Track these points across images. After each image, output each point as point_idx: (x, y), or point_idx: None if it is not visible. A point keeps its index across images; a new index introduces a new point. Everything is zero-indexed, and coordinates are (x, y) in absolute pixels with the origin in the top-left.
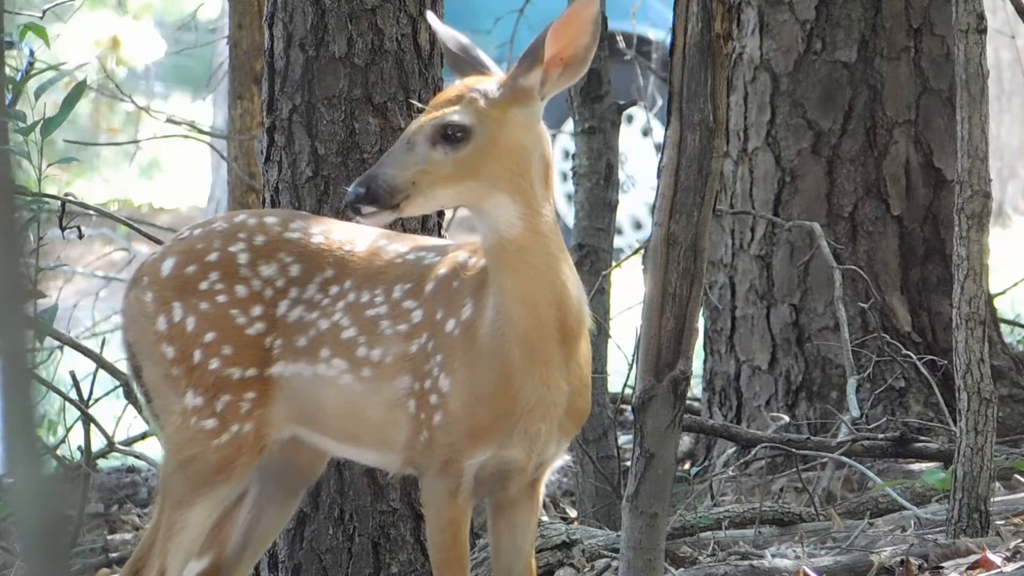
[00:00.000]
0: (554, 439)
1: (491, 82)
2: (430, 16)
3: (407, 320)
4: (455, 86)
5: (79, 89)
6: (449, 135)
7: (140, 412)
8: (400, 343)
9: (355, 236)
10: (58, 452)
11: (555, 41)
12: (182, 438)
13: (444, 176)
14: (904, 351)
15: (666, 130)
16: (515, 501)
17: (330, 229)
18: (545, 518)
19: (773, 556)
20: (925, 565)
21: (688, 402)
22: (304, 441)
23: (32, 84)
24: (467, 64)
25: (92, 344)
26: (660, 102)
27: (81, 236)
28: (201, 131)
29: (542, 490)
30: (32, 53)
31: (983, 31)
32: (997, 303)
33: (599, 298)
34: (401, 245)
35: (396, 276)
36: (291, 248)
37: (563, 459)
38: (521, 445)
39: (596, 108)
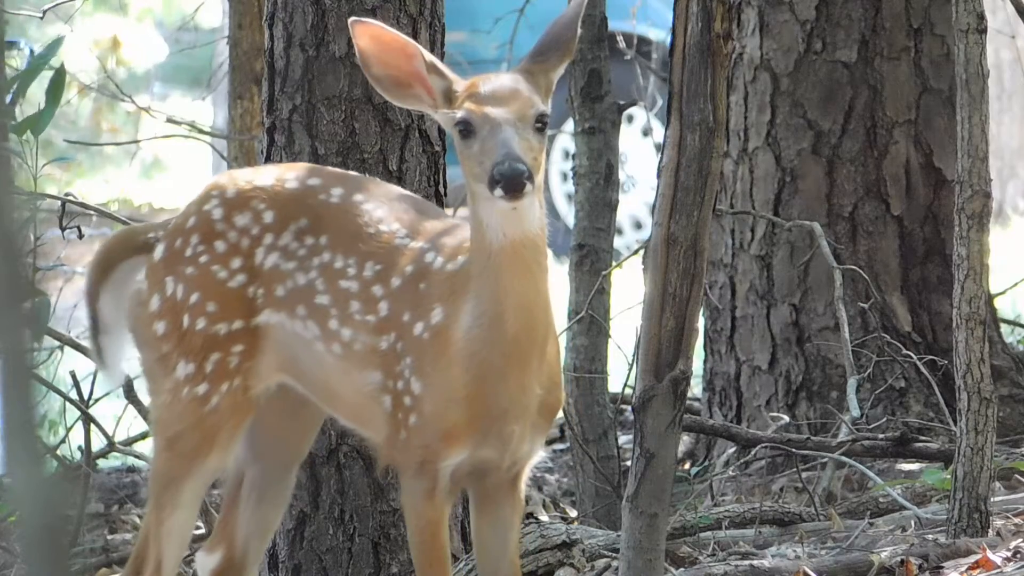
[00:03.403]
0: (527, 438)
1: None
2: (354, 23)
3: (374, 311)
4: (504, 75)
5: (59, 78)
6: (541, 126)
7: (140, 412)
8: (369, 335)
9: (329, 185)
10: (58, 452)
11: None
12: (172, 413)
13: (541, 163)
14: (904, 351)
15: (666, 130)
16: (497, 500)
17: (305, 175)
18: (545, 518)
19: (773, 556)
20: (925, 565)
21: (688, 402)
22: (292, 393)
23: (23, 82)
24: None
25: None
26: (660, 102)
27: (81, 236)
28: (201, 131)
29: (523, 487)
30: (32, 53)
31: (983, 31)
32: (997, 303)
33: (599, 298)
34: (376, 205)
35: (368, 251)
36: (263, 195)
37: (542, 455)
38: (495, 446)
39: (596, 108)
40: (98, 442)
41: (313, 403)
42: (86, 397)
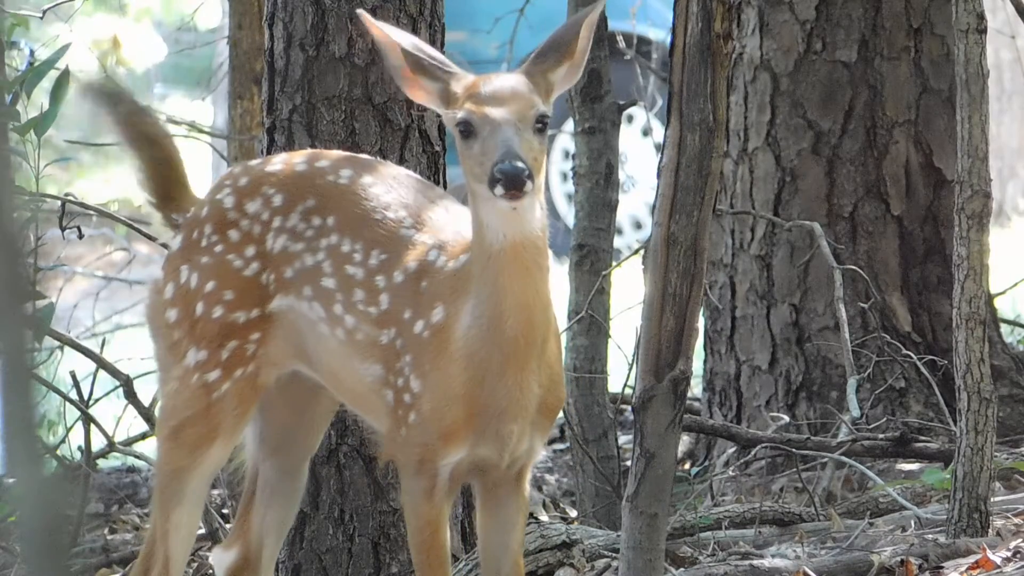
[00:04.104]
0: (527, 437)
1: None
2: (362, 15)
3: (376, 303)
4: (505, 75)
5: (63, 80)
6: (542, 126)
7: (140, 412)
8: (370, 326)
9: (338, 166)
10: (58, 452)
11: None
12: (179, 400)
13: (542, 164)
14: (904, 351)
15: (666, 130)
16: (501, 498)
17: (314, 158)
18: (545, 518)
19: (773, 556)
20: (925, 565)
21: (688, 402)
22: (301, 388)
23: (28, 83)
24: (427, 65)
25: (92, 344)
26: (660, 102)
27: (81, 236)
28: (201, 131)
29: (528, 487)
30: (32, 53)
31: (983, 31)
32: (997, 303)
33: (599, 298)
34: (384, 189)
35: (375, 238)
36: (272, 179)
37: (544, 455)
38: (493, 445)
39: (596, 108)
40: (98, 442)
41: (322, 397)
42: (86, 397)
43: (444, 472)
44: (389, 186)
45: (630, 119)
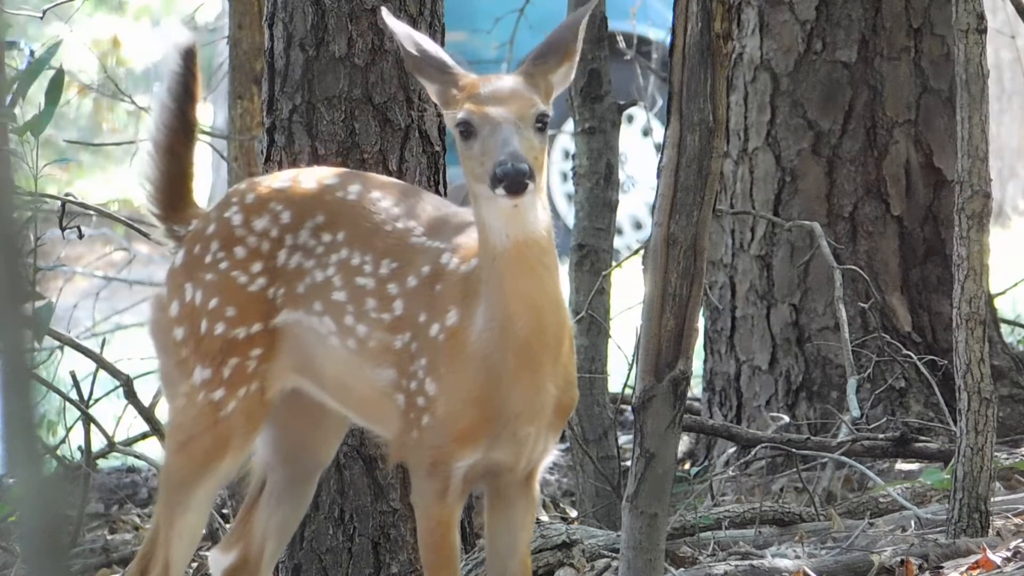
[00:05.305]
0: (543, 438)
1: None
2: (384, 13)
3: (389, 309)
4: (504, 76)
5: (58, 79)
6: (542, 126)
7: (140, 412)
8: (383, 332)
9: (347, 182)
10: (58, 452)
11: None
12: (186, 417)
13: (543, 163)
14: (904, 351)
15: (666, 130)
16: (510, 499)
17: (322, 175)
18: (545, 518)
19: (773, 556)
20: (925, 565)
21: (688, 402)
22: (306, 395)
23: (23, 83)
24: (428, 65)
25: (92, 344)
26: (660, 102)
27: (81, 236)
28: (201, 131)
29: (538, 487)
30: (32, 53)
31: (983, 31)
32: (997, 303)
33: (599, 298)
34: (393, 202)
35: (385, 248)
36: (280, 197)
37: (555, 454)
38: (509, 448)
39: (596, 108)
40: (98, 442)
41: (336, 411)
42: (86, 397)
43: (457, 474)
44: (397, 199)
45: (630, 119)
